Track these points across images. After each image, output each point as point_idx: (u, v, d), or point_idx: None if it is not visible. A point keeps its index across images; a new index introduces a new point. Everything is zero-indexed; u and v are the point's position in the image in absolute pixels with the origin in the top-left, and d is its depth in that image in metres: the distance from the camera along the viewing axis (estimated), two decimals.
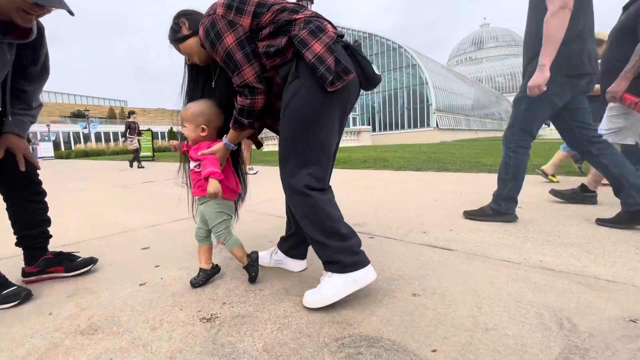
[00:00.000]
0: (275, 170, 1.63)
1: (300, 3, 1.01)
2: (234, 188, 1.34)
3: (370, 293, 1.15)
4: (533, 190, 2.83)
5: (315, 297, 1.07)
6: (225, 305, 1.11)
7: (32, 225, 1.41)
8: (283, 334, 0.93)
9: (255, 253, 1.29)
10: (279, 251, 1.45)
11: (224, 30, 1.08)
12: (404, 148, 12.24)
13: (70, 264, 1.44)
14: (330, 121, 1.11)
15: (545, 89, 1.67)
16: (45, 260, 1.41)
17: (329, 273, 1.10)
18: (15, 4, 1.07)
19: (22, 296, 1.20)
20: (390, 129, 30.31)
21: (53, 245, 1.49)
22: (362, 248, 1.12)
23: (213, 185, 1.16)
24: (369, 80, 1.14)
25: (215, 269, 1.32)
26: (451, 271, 1.30)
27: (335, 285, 1.06)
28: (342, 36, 1.13)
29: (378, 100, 32.21)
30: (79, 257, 1.48)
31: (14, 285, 1.24)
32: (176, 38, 1.23)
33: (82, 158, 21.32)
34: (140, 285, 1.30)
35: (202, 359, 0.84)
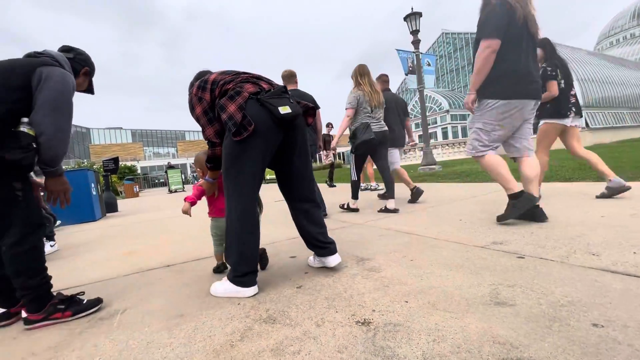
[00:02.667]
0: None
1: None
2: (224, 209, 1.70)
3: (531, 316, 1.04)
4: None
5: (213, 289, 1.54)
6: (375, 312, 1.19)
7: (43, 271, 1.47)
8: (440, 346, 0.94)
9: (224, 264, 1.88)
10: (315, 255, 1.79)
11: (195, 104, 1.57)
12: None
13: (78, 308, 1.48)
14: (249, 160, 1.45)
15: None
16: (52, 306, 1.43)
17: (225, 279, 1.53)
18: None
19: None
20: None
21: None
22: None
23: (184, 206, 1.81)
24: (281, 119, 1.44)
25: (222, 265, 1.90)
26: None
27: (224, 287, 1.50)
28: (258, 92, 1.48)
29: None
30: (84, 300, 1.53)
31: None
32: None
33: None
34: (297, 287, 1.53)
35: (367, 357, 0.93)
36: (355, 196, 3.63)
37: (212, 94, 1.53)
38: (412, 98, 37.42)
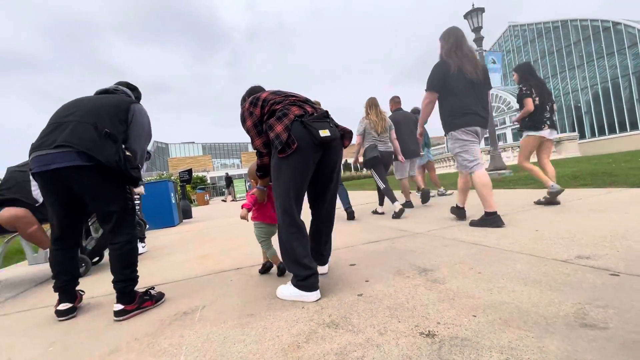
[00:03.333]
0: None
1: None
2: (272, 216, 2.00)
3: (628, 343, 0.92)
4: None
5: (279, 292, 1.66)
6: (440, 325, 1.16)
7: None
8: None
9: (282, 264, 1.97)
10: None
11: (247, 117, 1.74)
12: None
13: (155, 297, 1.78)
14: (293, 174, 1.59)
15: None
16: (140, 297, 1.71)
17: (290, 283, 1.63)
18: None
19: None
20: (612, 131, 22.66)
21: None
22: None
23: (242, 212, 1.99)
24: (321, 142, 1.57)
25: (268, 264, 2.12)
26: None
27: (289, 291, 1.60)
28: (302, 115, 1.62)
29: (585, 98, 25.02)
30: (154, 293, 1.81)
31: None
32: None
33: None
34: (358, 295, 1.55)
35: None
36: (392, 199, 4.07)
37: (262, 110, 1.70)
38: None
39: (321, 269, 1.89)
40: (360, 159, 4.45)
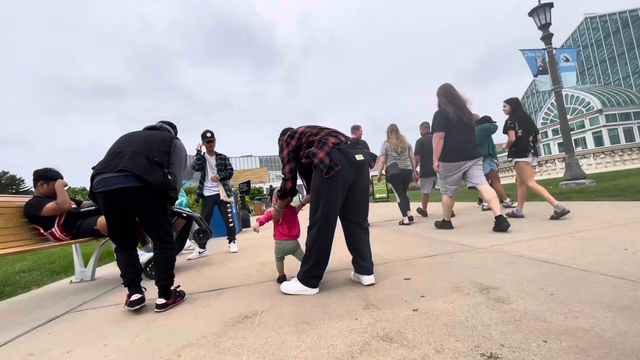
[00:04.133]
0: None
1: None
2: (286, 233, 2.25)
3: None
4: None
5: (285, 287, 2.02)
6: (504, 348, 1.08)
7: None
8: None
9: (284, 276, 2.33)
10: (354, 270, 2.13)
11: (284, 147, 2.08)
12: None
13: (183, 294, 2.19)
14: (333, 193, 1.89)
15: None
16: (174, 292, 2.10)
17: (296, 278, 2.01)
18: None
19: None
20: None
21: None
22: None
23: (254, 224, 2.36)
24: (356, 164, 1.92)
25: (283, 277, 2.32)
26: None
27: (295, 287, 1.99)
28: (339, 143, 1.95)
29: None
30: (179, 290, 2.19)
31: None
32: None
33: None
34: (413, 310, 1.51)
35: None
36: (404, 213, 5.03)
37: (298, 141, 2.06)
38: (546, 100, 31.61)
39: (367, 279, 2.01)
40: (383, 173, 5.50)
